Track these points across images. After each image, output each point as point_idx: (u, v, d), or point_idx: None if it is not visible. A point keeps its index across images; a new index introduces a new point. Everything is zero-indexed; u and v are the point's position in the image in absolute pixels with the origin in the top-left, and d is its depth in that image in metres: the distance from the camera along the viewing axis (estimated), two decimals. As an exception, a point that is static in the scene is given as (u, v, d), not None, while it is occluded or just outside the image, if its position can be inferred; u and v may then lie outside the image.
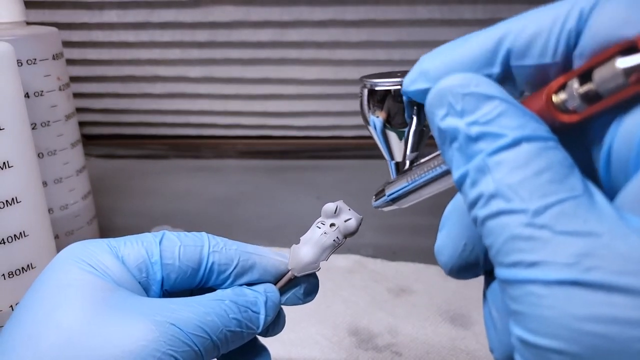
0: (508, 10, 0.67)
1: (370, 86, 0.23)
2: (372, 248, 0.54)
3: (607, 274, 0.13)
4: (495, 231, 0.15)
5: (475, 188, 0.15)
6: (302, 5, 0.70)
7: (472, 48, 0.17)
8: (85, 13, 0.72)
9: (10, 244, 0.33)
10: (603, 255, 0.13)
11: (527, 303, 0.14)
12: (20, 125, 0.34)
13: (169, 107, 0.79)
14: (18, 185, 0.33)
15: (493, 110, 0.15)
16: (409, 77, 0.19)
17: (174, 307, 0.22)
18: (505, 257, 0.14)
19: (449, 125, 0.16)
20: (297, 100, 0.78)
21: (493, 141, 0.15)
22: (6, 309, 0.34)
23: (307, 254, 0.25)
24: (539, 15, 0.16)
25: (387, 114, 0.22)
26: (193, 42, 0.73)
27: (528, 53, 0.16)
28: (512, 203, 0.14)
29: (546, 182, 0.14)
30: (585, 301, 0.13)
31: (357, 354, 0.39)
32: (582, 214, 0.14)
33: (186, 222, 0.61)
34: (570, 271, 0.13)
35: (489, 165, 0.15)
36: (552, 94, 0.16)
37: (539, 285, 0.14)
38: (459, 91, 0.16)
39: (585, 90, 0.15)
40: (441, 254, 0.20)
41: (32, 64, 0.42)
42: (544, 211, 0.14)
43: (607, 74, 0.15)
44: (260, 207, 0.65)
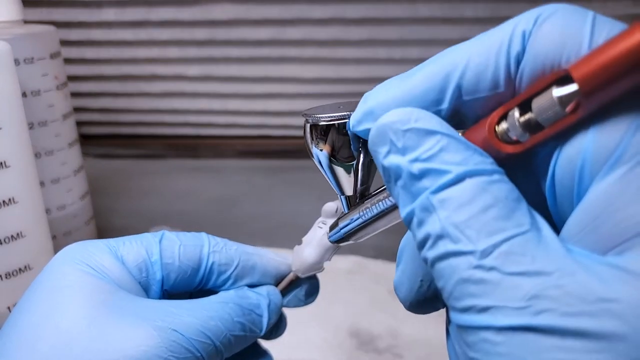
0: (509, 8, 0.67)
1: (313, 121, 0.22)
2: (373, 249, 0.54)
3: (558, 317, 0.13)
4: (445, 273, 0.14)
5: (423, 228, 0.15)
6: (302, 3, 0.69)
7: (418, 85, 0.17)
8: (83, 11, 0.72)
9: (7, 244, 0.33)
10: (553, 297, 0.13)
11: (481, 350, 0.14)
12: (18, 124, 0.34)
13: (168, 106, 0.79)
14: (15, 185, 0.33)
15: (435, 146, 0.15)
16: (354, 117, 0.19)
17: (176, 312, 0.21)
18: (457, 301, 0.14)
19: (392, 163, 0.16)
20: (297, 99, 0.77)
21: (436, 178, 0.15)
22: (3, 310, 0.34)
23: (310, 254, 0.25)
24: (484, 41, 0.16)
25: (332, 147, 0.22)
26: (192, 40, 0.73)
27: (479, 86, 0.16)
28: (460, 244, 0.14)
29: (492, 219, 0.14)
30: (538, 346, 0.13)
31: (358, 356, 0.39)
32: (530, 252, 0.13)
33: (185, 222, 0.60)
34: (522, 316, 0.13)
35: (433, 203, 0.15)
36: (494, 124, 0.16)
37: (492, 331, 0.13)
38: (399, 127, 0.15)
39: (526, 119, 0.15)
40: (399, 290, 0.20)
41: (30, 63, 0.42)
42: (492, 251, 0.14)
43: (545, 104, 0.15)
44: (260, 207, 0.65)
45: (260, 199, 0.67)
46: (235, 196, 0.68)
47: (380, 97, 0.18)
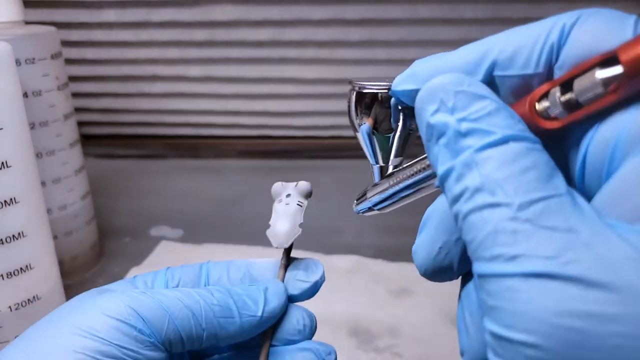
0: (509, 10, 0.67)
1: (359, 88, 0.23)
2: (373, 249, 0.54)
3: (585, 269, 0.13)
4: (478, 225, 0.15)
5: (461, 182, 0.16)
6: (301, 4, 0.70)
7: (459, 57, 0.18)
8: (84, 12, 0.72)
9: (8, 244, 0.33)
10: (582, 251, 0.13)
11: (503, 298, 0.14)
12: (19, 125, 0.34)
13: (168, 106, 0.79)
14: (16, 185, 0.33)
15: (484, 109, 0.16)
16: (398, 78, 0.20)
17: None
18: (486, 250, 0.15)
19: (439, 121, 0.16)
20: (297, 100, 0.78)
21: (482, 137, 0.15)
22: (5, 310, 0.34)
23: (282, 225, 0.26)
24: (525, 30, 0.17)
25: (374, 119, 0.23)
26: (192, 41, 0.73)
27: (512, 64, 0.17)
28: (497, 197, 0.15)
29: (531, 180, 0.14)
30: (561, 295, 0.13)
31: (358, 355, 0.39)
32: (564, 212, 0.14)
33: (185, 222, 0.61)
34: (549, 264, 0.13)
35: (476, 160, 0.15)
36: (535, 101, 0.17)
37: (516, 278, 0.14)
38: (451, 88, 0.16)
39: (566, 99, 0.16)
40: (417, 255, 0.21)
41: (31, 64, 0.42)
42: (528, 206, 0.14)
43: (587, 84, 0.15)
44: (260, 207, 0.64)
45: (260, 199, 0.67)
46: (235, 196, 0.68)
47: (425, 64, 0.19)
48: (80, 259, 0.49)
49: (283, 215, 0.26)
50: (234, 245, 0.54)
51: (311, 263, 0.27)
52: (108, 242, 0.56)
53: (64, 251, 0.48)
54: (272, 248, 0.26)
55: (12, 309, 0.34)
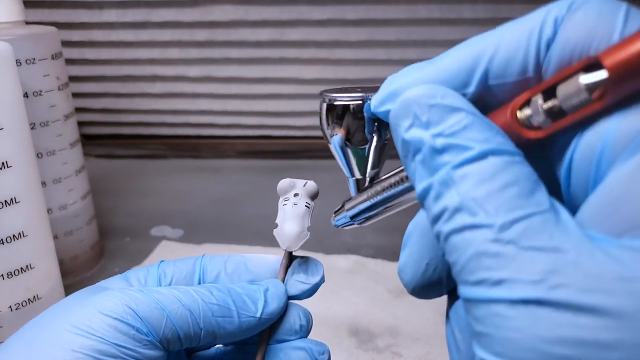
0: (508, 10, 0.67)
1: (329, 100, 0.22)
2: (373, 248, 0.54)
3: (574, 293, 0.12)
4: (460, 247, 0.14)
5: (439, 202, 0.15)
6: (301, 5, 0.70)
7: (445, 68, 0.17)
8: (85, 12, 0.72)
9: (9, 244, 0.33)
10: (569, 273, 0.13)
11: (491, 324, 0.13)
12: (19, 125, 0.34)
13: (168, 106, 0.79)
14: (17, 185, 0.33)
15: (459, 122, 0.15)
16: (377, 97, 0.19)
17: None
18: (470, 274, 0.14)
19: (414, 137, 0.16)
20: (297, 100, 0.78)
21: (459, 154, 0.15)
22: (5, 309, 0.34)
23: (291, 227, 0.25)
24: (515, 27, 0.16)
25: (346, 130, 0.22)
26: (192, 41, 0.73)
27: (507, 71, 0.16)
28: (478, 217, 0.14)
29: (513, 197, 0.14)
30: (551, 322, 0.13)
31: (357, 354, 0.39)
32: (548, 230, 0.13)
33: (185, 222, 0.61)
34: (536, 289, 0.13)
35: (453, 178, 0.15)
36: (516, 109, 0.16)
37: (504, 305, 0.13)
38: (425, 102, 0.16)
39: (549, 106, 0.15)
40: (404, 273, 0.20)
41: (31, 64, 0.42)
42: (510, 226, 0.14)
43: (571, 90, 0.15)
44: (260, 207, 0.65)
45: (260, 199, 0.67)
46: (235, 196, 0.68)
47: (405, 79, 0.18)
48: (80, 258, 0.49)
49: (291, 216, 0.26)
50: (234, 245, 0.55)
51: (312, 264, 0.26)
52: (108, 242, 0.56)
53: (64, 251, 0.48)
54: (273, 248, 0.26)
55: (12, 309, 0.34)
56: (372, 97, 0.19)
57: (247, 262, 0.26)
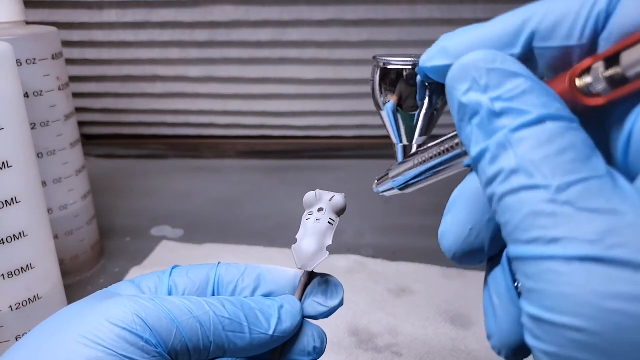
0: (508, 10, 0.67)
1: (384, 65, 0.22)
2: (373, 248, 0.54)
3: (632, 252, 0.13)
4: (514, 207, 0.14)
5: (495, 164, 0.15)
6: (301, 5, 0.70)
7: (494, 28, 0.17)
8: (85, 13, 0.72)
9: (9, 244, 0.33)
10: (627, 234, 0.13)
11: (544, 280, 0.14)
12: (20, 125, 0.34)
13: (169, 106, 0.79)
14: (17, 185, 0.33)
15: (518, 87, 0.15)
16: (427, 53, 0.19)
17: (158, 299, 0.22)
18: (524, 233, 0.14)
19: (471, 100, 0.16)
20: (297, 100, 0.78)
21: (517, 117, 0.15)
22: (5, 309, 0.34)
23: (309, 245, 0.24)
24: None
25: (399, 96, 0.22)
26: (192, 41, 0.73)
27: (553, 35, 0.16)
28: (535, 179, 0.14)
29: (570, 161, 0.14)
30: (608, 278, 0.13)
31: (357, 354, 0.39)
32: (605, 193, 0.14)
33: (186, 222, 0.61)
34: (593, 248, 0.13)
35: (511, 141, 0.15)
36: (575, 76, 0.16)
37: (558, 261, 0.13)
38: (483, 66, 0.16)
39: (611, 74, 0.15)
40: (445, 238, 0.20)
41: (32, 64, 0.42)
42: (567, 188, 0.14)
43: (636, 58, 0.14)
44: (260, 207, 0.65)
45: (261, 199, 0.67)
46: (235, 196, 0.68)
47: (455, 38, 0.18)
48: (81, 258, 0.50)
49: (312, 232, 0.24)
50: (235, 245, 0.55)
51: (332, 285, 0.25)
52: (109, 241, 0.56)
53: (65, 251, 0.48)
54: (273, 248, 0.25)
55: (12, 309, 0.34)
56: (423, 55, 0.19)
57: (265, 274, 0.26)
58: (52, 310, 0.36)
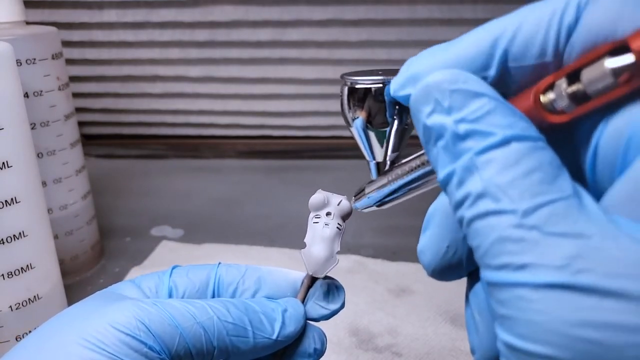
0: (508, 10, 0.67)
1: (351, 84, 0.22)
2: (373, 248, 0.54)
3: (599, 277, 0.13)
4: (483, 232, 0.14)
5: (462, 188, 0.15)
6: (301, 5, 0.70)
7: (465, 49, 0.17)
8: (85, 13, 0.72)
9: (9, 244, 0.33)
10: (594, 258, 0.13)
11: (515, 307, 0.14)
12: (20, 125, 0.34)
13: (169, 106, 0.79)
14: (17, 185, 0.33)
15: (482, 108, 0.15)
16: (396, 81, 0.19)
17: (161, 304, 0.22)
18: (493, 259, 0.14)
19: (435, 123, 0.16)
20: (297, 100, 0.78)
21: (482, 139, 0.15)
22: (5, 309, 0.34)
23: (320, 252, 0.24)
24: (535, 11, 0.16)
25: (367, 113, 0.22)
26: (192, 41, 0.73)
27: (527, 53, 0.16)
28: (501, 203, 0.14)
29: (536, 183, 0.14)
30: (576, 305, 0.13)
31: (357, 354, 0.39)
32: (572, 215, 0.13)
33: (186, 222, 0.61)
34: (561, 274, 0.13)
35: (477, 164, 0.15)
36: (540, 93, 0.16)
37: (528, 288, 0.13)
38: (446, 87, 0.15)
39: (573, 90, 0.15)
40: (423, 255, 0.20)
41: (32, 64, 0.42)
42: (533, 212, 0.14)
43: (596, 74, 0.14)
44: (260, 207, 0.65)
45: (261, 199, 0.67)
46: (235, 196, 0.68)
47: (425, 62, 0.18)
48: (80, 258, 0.50)
49: (321, 238, 0.24)
50: (234, 245, 0.55)
51: (333, 288, 0.26)
52: (109, 241, 0.56)
53: (65, 251, 0.48)
54: (273, 248, 0.25)
55: (12, 309, 0.34)
56: (392, 81, 0.19)
57: (266, 276, 0.26)
58: (52, 311, 0.36)
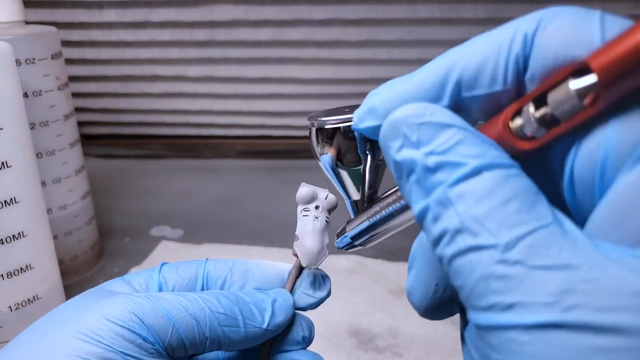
0: (508, 10, 0.67)
1: (318, 125, 0.21)
2: (372, 248, 0.54)
3: (591, 313, 0.12)
4: (465, 271, 0.14)
5: (438, 223, 0.14)
6: (301, 4, 0.70)
7: (419, 81, 0.17)
8: (84, 12, 0.72)
9: (9, 244, 0.33)
10: (584, 291, 0.12)
11: (507, 352, 0.13)
12: (19, 125, 0.34)
13: (168, 106, 0.79)
14: (17, 185, 0.33)
15: (450, 139, 0.14)
16: (357, 114, 0.18)
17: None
18: (479, 299, 0.13)
19: (405, 157, 0.15)
20: (297, 100, 0.78)
21: (453, 171, 0.14)
22: (5, 309, 0.34)
23: (312, 244, 0.25)
24: (484, 42, 0.16)
25: (337, 151, 0.22)
26: (192, 41, 0.73)
27: (477, 83, 0.16)
28: (480, 237, 0.13)
29: (513, 212, 0.13)
30: (570, 346, 0.12)
31: (358, 354, 0.39)
32: (555, 245, 0.13)
33: (185, 222, 0.61)
34: (551, 312, 0.12)
35: (450, 197, 0.14)
36: (508, 120, 0.15)
37: (518, 331, 0.12)
38: (413, 121, 0.15)
39: (541, 115, 0.15)
40: (413, 296, 0.19)
41: (31, 64, 0.42)
42: (515, 244, 0.13)
43: (561, 97, 0.14)
44: (260, 207, 0.65)
45: (260, 199, 0.67)
46: (235, 196, 0.68)
47: (382, 94, 0.18)
48: (80, 258, 0.49)
49: (313, 232, 0.25)
50: (234, 245, 0.54)
51: (319, 277, 0.26)
52: (108, 242, 0.56)
53: (64, 251, 0.48)
54: (273, 248, 0.26)
55: (12, 309, 0.34)
56: (354, 114, 0.19)
57: (253, 269, 0.26)
58: (52, 311, 0.36)
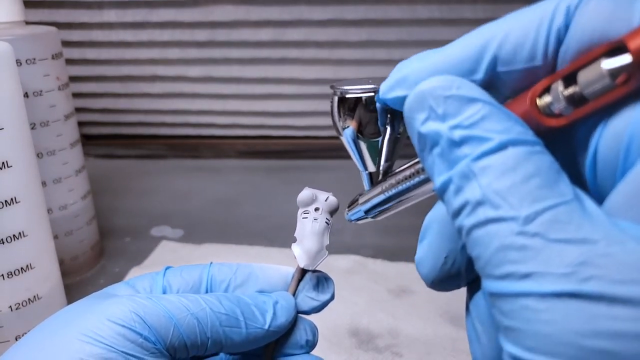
0: (508, 10, 0.67)
1: (341, 94, 0.21)
2: (372, 248, 0.54)
3: (608, 284, 0.12)
4: (483, 241, 0.14)
5: (460, 195, 0.14)
6: (301, 5, 0.70)
7: (454, 54, 0.17)
8: (85, 13, 0.72)
9: (9, 244, 0.33)
10: (601, 264, 0.12)
11: (521, 318, 0.13)
12: (19, 125, 0.34)
13: (168, 106, 0.79)
14: (17, 185, 0.33)
15: (477, 113, 0.15)
16: (386, 84, 0.18)
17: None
18: (495, 268, 0.14)
19: (430, 130, 0.15)
20: (297, 100, 0.78)
21: (478, 145, 0.14)
22: (5, 309, 0.34)
23: (311, 245, 0.25)
24: (524, 15, 0.16)
25: (358, 122, 0.21)
26: (192, 41, 0.73)
27: (516, 58, 0.16)
28: (501, 210, 0.14)
29: (535, 188, 0.13)
30: (586, 314, 0.12)
31: (358, 354, 0.39)
32: (575, 220, 0.13)
33: (185, 222, 0.61)
34: (568, 282, 0.12)
35: (474, 170, 0.14)
36: (536, 97, 0.15)
37: (533, 298, 0.13)
38: (440, 94, 0.15)
39: (570, 93, 0.15)
40: (422, 266, 0.20)
41: (32, 64, 0.42)
42: (535, 218, 0.13)
43: (593, 76, 0.14)
44: (260, 207, 0.65)
45: (260, 199, 0.67)
46: (235, 196, 0.68)
47: (414, 65, 0.17)
48: (80, 258, 0.49)
49: (311, 233, 0.25)
50: (234, 245, 0.55)
51: (323, 280, 0.26)
52: (108, 242, 0.56)
53: (65, 251, 0.48)
54: (273, 248, 0.26)
55: (12, 309, 0.34)
56: (381, 84, 0.19)
57: (257, 272, 0.26)
58: (52, 311, 0.36)
